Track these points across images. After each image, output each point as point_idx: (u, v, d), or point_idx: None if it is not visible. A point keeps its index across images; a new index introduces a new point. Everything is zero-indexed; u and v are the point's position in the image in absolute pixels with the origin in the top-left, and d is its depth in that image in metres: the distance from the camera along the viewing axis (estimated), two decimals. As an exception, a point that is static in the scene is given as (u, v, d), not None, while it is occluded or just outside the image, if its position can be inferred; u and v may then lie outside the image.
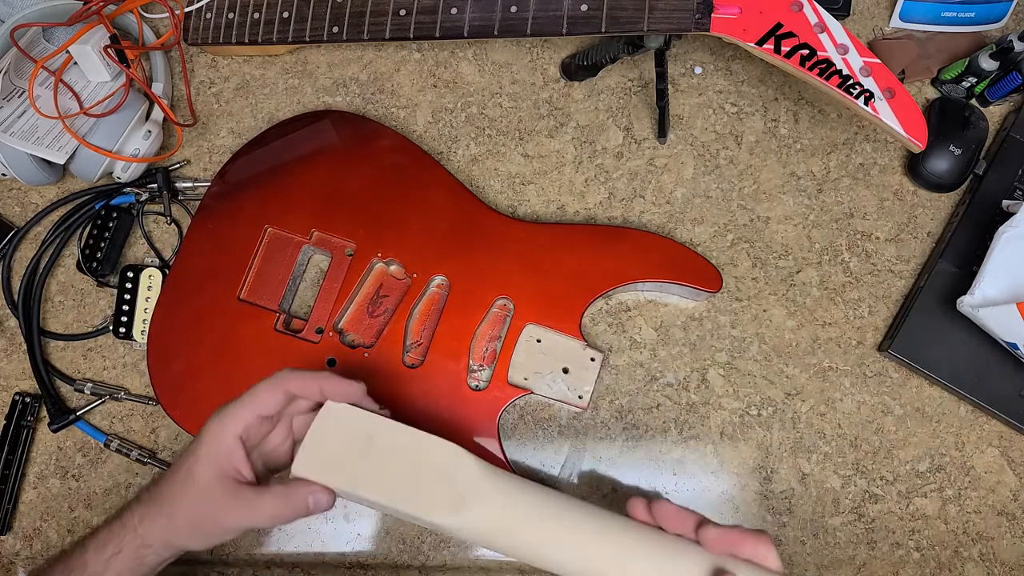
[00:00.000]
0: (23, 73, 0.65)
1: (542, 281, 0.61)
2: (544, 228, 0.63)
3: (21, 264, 0.66)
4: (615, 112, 0.68)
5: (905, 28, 0.69)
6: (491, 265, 0.62)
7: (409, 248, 0.62)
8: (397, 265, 0.62)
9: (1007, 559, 0.60)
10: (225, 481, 0.46)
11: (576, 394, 0.60)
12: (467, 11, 0.59)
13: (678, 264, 0.61)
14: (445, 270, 0.62)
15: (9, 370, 0.64)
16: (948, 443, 0.62)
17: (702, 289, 0.61)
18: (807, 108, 0.68)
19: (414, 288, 0.62)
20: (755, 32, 0.53)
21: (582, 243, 0.62)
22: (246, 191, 0.64)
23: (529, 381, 0.60)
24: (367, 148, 0.65)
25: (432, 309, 0.61)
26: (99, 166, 0.63)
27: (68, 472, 0.63)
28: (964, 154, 0.64)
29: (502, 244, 0.62)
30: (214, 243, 0.63)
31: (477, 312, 0.61)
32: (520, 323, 0.60)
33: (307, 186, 0.64)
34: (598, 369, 0.61)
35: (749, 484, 0.61)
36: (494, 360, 0.60)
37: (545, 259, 0.62)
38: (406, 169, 0.64)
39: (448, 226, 0.63)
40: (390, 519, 0.61)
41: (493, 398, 0.59)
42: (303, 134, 0.66)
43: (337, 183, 0.64)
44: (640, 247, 0.62)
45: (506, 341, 0.60)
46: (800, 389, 0.63)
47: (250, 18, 0.66)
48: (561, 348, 0.60)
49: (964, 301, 0.58)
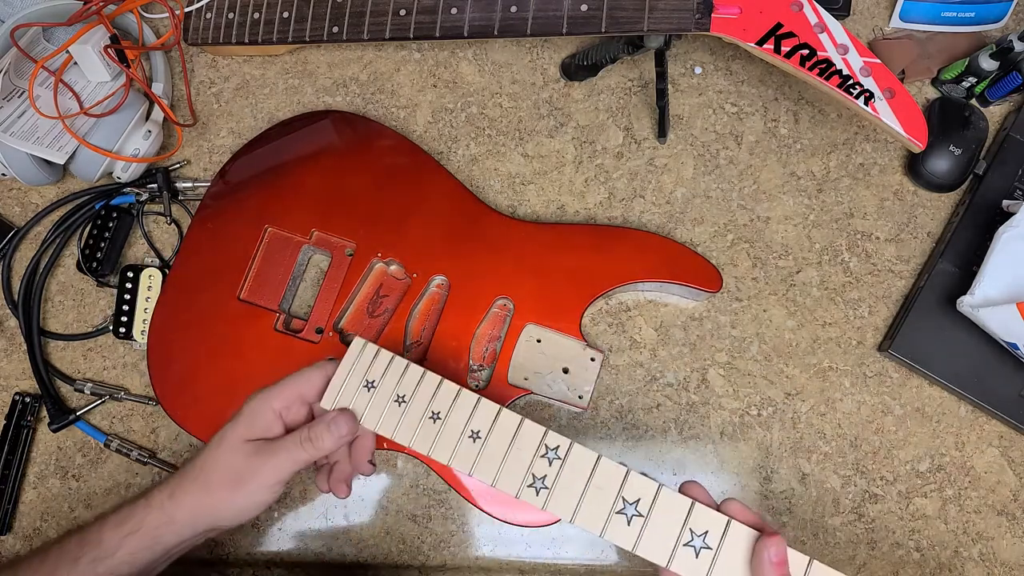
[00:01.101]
0: (23, 73, 0.65)
1: (542, 281, 0.61)
2: (544, 228, 0.63)
3: (21, 264, 0.66)
4: (615, 112, 0.68)
5: (905, 28, 0.69)
6: (491, 265, 0.62)
7: (409, 248, 0.62)
8: (397, 265, 0.62)
9: (1007, 559, 0.60)
10: (256, 442, 0.47)
11: (576, 394, 0.60)
12: (467, 11, 0.59)
13: (678, 264, 0.61)
14: (445, 270, 0.62)
15: (9, 370, 0.64)
16: (948, 443, 0.62)
17: (702, 289, 0.61)
18: (807, 108, 0.68)
19: (414, 288, 0.62)
20: (755, 32, 0.53)
21: (582, 243, 0.62)
22: (246, 191, 0.64)
23: (529, 381, 0.60)
24: (367, 148, 0.65)
25: (432, 309, 0.61)
26: (99, 166, 0.63)
27: (68, 472, 0.63)
28: (964, 154, 0.64)
29: (502, 244, 0.62)
30: (214, 243, 0.63)
31: (477, 312, 0.61)
32: (520, 323, 0.60)
33: (307, 186, 0.64)
34: (598, 369, 0.60)
35: (749, 484, 0.61)
36: (494, 360, 0.60)
37: (545, 259, 0.62)
38: (406, 169, 0.64)
39: (448, 226, 0.63)
40: (390, 519, 0.61)
41: (493, 398, 0.59)
42: (303, 134, 0.66)
43: (337, 183, 0.64)
44: (640, 247, 0.62)
45: (506, 341, 0.60)
46: (800, 389, 0.63)
47: (250, 18, 0.66)
48: (561, 348, 0.60)
49: (964, 301, 0.58)
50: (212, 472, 0.47)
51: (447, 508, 0.61)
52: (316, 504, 0.61)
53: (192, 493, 0.47)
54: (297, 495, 0.61)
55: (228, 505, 0.47)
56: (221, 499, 0.47)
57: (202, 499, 0.47)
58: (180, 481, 0.48)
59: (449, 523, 0.61)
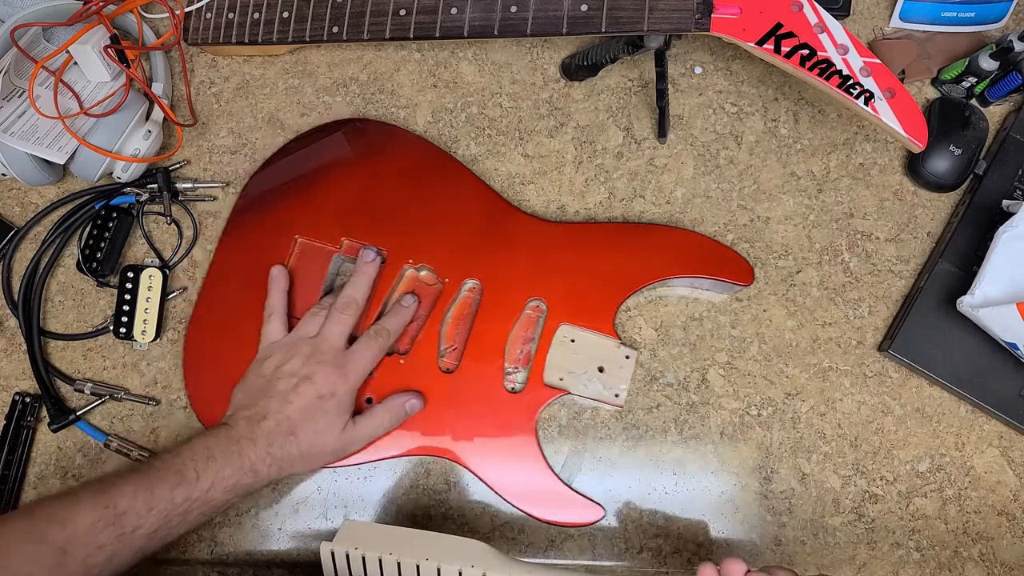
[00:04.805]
0: (23, 73, 0.65)
1: (574, 281, 0.61)
2: (573, 227, 0.63)
3: (21, 264, 0.66)
4: (615, 112, 0.68)
5: (905, 28, 0.69)
6: (522, 267, 0.62)
7: (439, 253, 0.62)
8: (428, 271, 0.62)
9: (1007, 559, 0.60)
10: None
11: (612, 392, 0.60)
12: (467, 11, 0.59)
13: (710, 259, 0.61)
14: (476, 274, 0.62)
15: (9, 370, 0.64)
16: (948, 443, 0.62)
17: (734, 283, 0.61)
18: (807, 108, 0.68)
19: (446, 293, 0.61)
20: (755, 32, 0.53)
21: (612, 241, 0.62)
22: (273, 204, 0.64)
23: (564, 381, 0.60)
24: (391, 154, 0.65)
25: (465, 313, 0.61)
26: (99, 166, 0.63)
27: (68, 472, 0.63)
28: (964, 154, 0.64)
29: (532, 245, 0.62)
30: (245, 257, 0.63)
31: (510, 314, 0.61)
32: (554, 323, 0.60)
33: (334, 195, 0.64)
34: (633, 367, 0.60)
35: (749, 484, 0.61)
36: (529, 362, 0.60)
37: (576, 259, 0.61)
38: (431, 173, 0.64)
39: (477, 229, 0.63)
40: (390, 520, 0.61)
41: (530, 400, 0.59)
42: (325, 144, 0.66)
43: (364, 190, 0.64)
44: (670, 243, 0.62)
45: (540, 342, 0.60)
46: (800, 389, 0.63)
47: (250, 18, 0.66)
48: (595, 347, 0.60)
49: (964, 301, 0.58)
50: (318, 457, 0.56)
51: (447, 508, 0.61)
52: (316, 504, 0.61)
53: (288, 449, 0.54)
54: (297, 495, 0.61)
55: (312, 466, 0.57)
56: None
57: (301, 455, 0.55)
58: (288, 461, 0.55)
59: (449, 523, 0.61)
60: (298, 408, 0.54)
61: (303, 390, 0.55)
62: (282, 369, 0.56)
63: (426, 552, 0.49)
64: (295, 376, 0.55)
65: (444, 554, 0.49)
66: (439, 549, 0.49)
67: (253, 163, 0.68)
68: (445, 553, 0.49)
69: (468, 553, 0.50)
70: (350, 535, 0.51)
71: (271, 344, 0.59)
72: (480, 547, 0.50)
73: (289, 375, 0.56)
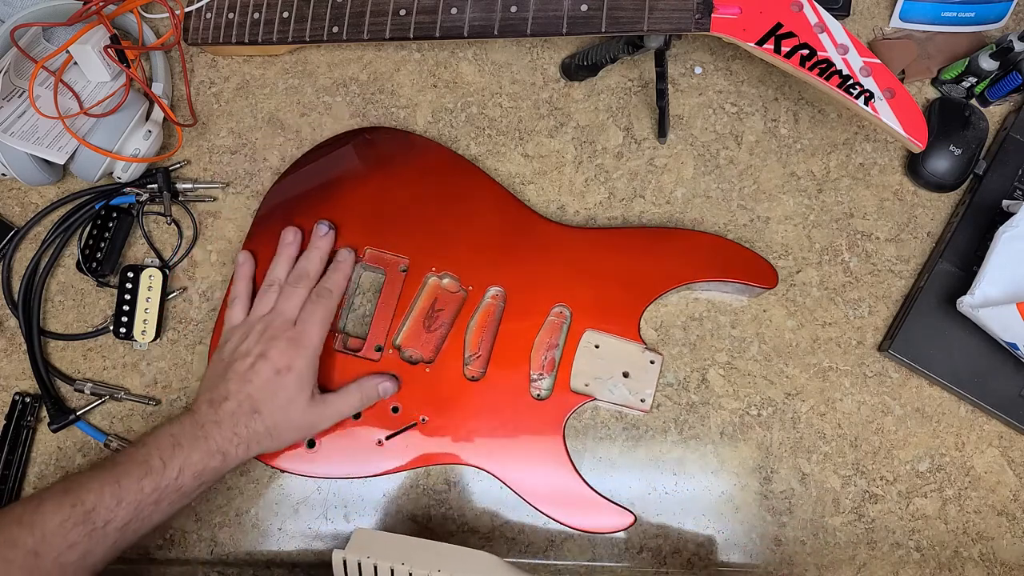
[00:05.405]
0: (23, 73, 0.65)
1: (598, 286, 0.61)
2: (595, 233, 0.63)
3: (21, 264, 0.66)
4: (615, 112, 0.68)
5: (905, 28, 0.69)
6: (545, 273, 0.61)
7: (462, 260, 0.62)
8: (451, 278, 0.62)
9: (1007, 559, 0.60)
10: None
11: (638, 398, 0.60)
12: (467, 11, 0.59)
13: (733, 262, 0.61)
14: (500, 280, 0.61)
15: (9, 370, 0.64)
16: (948, 443, 0.62)
17: (758, 286, 0.61)
18: (807, 108, 0.68)
19: (470, 300, 0.61)
20: (755, 32, 0.53)
21: (635, 245, 0.62)
22: (294, 214, 0.64)
23: (590, 387, 0.60)
24: (411, 162, 0.65)
25: (489, 320, 0.61)
26: (99, 166, 0.63)
27: (68, 472, 0.63)
28: (964, 154, 0.64)
29: (554, 250, 0.62)
30: (267, 267, 0.62)
31: (535, 321, 0.61)
32: (579, 329, 0.60)
33: (355, 204, 0.64)
34: (658, 371, 0.60)
35: (749, 484, 0.61)
36: (554, 368, 0.60)
37: (599, 264, 0.61)
38: (452, 180, 0.64)
39: (499, 235, 0.62)
40: (390, 520, 0.61)
41: (556, 406, 0.59)
42: (343, 153, 0.66)
43: (385, 199, 0.64)
44: (693, 247, 0.62)
45: (565, 348, 0.60)
46: (800, 389, 0.63)
47: (250, 18, 0.66)
48: (620, 352, 0.60)
49: (964, 301, 0.58)
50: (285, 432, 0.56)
51: (447, 508, 0.61)
52: (316, 504, 0.61)
53: (255, 427, 0.54)
54: (297, 495, 0.61)
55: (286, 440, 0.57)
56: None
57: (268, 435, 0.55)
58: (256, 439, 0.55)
59: (449, 523, 0.61)
60: (257, 386, 0.54)
61: (259, 367, 0.55)
62: (238, 350, 0.56)
63: (438, 563, 0.49)
64: (250, 355, 0.56)
65: (455, 565, 0.50)
66: (450, 560, 0.50)
67: (253, 163, 0.68)
68: (456, 564, 0.50)
69: (479, 565, 0.50)
70: (362, 543, 0.51)
71: (231, 328, 0.59)
72: (491, 559, 0.51)
73: (244, 355, 0.56)
